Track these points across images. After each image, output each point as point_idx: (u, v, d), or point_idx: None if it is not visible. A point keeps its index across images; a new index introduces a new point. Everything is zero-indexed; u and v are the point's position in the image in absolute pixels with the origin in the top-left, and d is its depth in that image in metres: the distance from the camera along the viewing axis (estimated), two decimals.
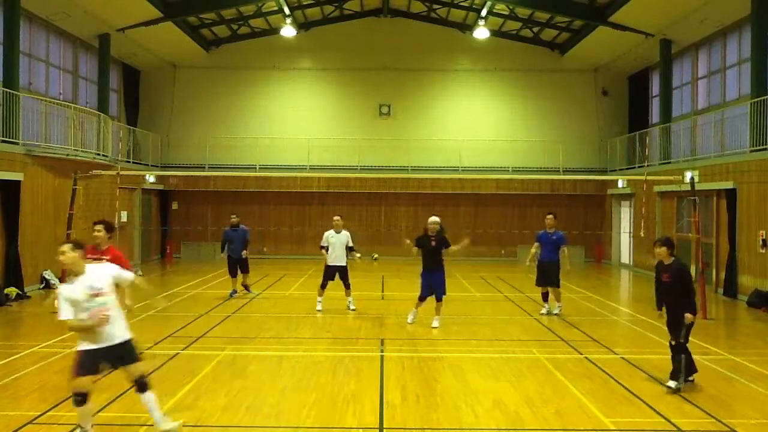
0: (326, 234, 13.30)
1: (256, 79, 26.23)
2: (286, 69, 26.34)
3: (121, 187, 18.61)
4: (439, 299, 11.83)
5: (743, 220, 15.94)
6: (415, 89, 26.24)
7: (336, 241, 13.13)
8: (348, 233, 13.30)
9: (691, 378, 8.02)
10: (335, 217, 13.32)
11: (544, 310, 13.30)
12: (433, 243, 11.60)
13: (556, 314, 13.07)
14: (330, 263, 13.17)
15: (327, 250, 13.18)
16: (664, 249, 8.04)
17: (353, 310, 13.33)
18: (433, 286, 11.79)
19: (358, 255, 13.53)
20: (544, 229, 13.13)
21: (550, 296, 13.30)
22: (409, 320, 12.18)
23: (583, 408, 7.25)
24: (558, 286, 13.09)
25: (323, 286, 13.37)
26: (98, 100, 21.47)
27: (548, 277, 13.00)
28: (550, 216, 13.13)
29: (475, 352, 10.02)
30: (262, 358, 9.37)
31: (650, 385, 8.18)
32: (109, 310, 5.87)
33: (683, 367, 7.81)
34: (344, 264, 13.23)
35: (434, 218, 11.72)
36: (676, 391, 7.74)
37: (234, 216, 15.36)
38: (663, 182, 18.53)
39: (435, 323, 11.78)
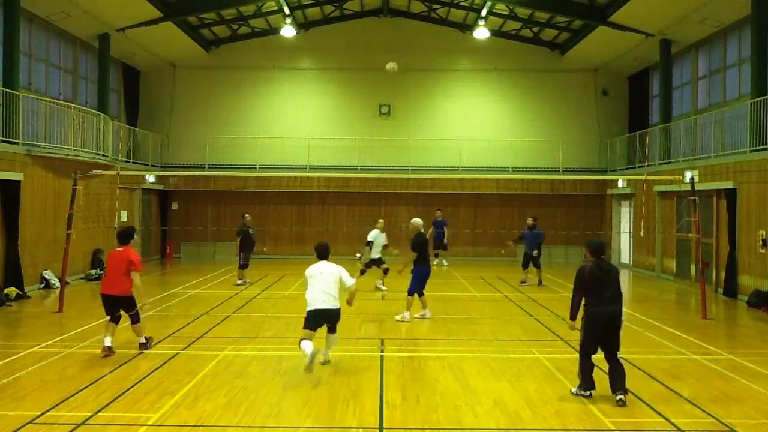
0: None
1: (256, 79, 26.21)
2: (286, 69, 26.33)
3: (121, 187, 18.62)
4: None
5: (743, 220, 15.93)
6: (415, 89, 26.20)
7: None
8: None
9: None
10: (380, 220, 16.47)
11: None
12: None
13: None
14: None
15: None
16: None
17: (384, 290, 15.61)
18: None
19: (358, 255, 15.95)
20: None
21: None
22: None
23: (583, 408, 7.26)
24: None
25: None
26: (98, 100, 21.44)
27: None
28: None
29: (475, 352, 10.02)
30: (262, 358, 9.37)
31: (650, 385, 8.19)
32: None
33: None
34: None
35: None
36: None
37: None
38: (663, 182, 18.53)
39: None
